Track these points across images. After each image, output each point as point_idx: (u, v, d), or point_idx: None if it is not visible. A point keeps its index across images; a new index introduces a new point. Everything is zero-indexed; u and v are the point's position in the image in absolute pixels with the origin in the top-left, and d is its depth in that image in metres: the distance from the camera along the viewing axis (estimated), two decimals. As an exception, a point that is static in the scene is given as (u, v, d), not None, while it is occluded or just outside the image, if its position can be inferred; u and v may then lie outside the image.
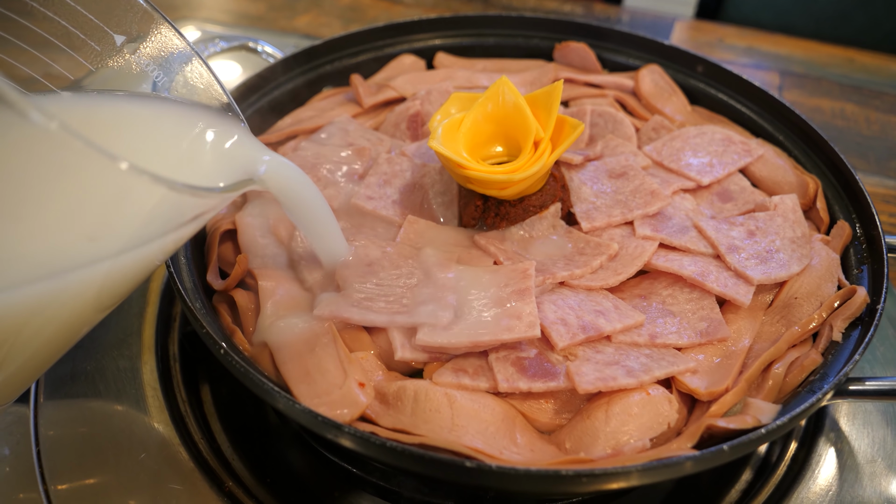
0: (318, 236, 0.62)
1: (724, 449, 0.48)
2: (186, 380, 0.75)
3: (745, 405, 0.55)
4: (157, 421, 0.70)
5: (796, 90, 1.37)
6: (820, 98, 1.35)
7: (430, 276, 0.62)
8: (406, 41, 0.99)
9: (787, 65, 1.45)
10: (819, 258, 0.67)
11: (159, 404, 0.71)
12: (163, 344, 0.78)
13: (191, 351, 0.78)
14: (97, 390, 0.72)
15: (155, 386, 0.73)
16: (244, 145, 0.55)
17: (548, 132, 0.66)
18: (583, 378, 0.55)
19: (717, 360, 0.60)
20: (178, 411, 0.72)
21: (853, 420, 0.72)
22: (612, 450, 0.53)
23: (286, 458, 0.71)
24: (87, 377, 0.73)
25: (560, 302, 0.62)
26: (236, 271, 0.65)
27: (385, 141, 0.83)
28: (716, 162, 0.78)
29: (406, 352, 0.58)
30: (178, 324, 0.81)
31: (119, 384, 0.73)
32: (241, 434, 0.72)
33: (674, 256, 0.67)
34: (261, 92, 0.88)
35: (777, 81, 1.39)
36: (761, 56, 1.47)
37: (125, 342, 0.77)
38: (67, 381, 0.72)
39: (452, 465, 0.47)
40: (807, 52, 1.50)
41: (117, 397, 0.72)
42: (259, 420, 0.75)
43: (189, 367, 0.77)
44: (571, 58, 0.97)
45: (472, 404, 0.55)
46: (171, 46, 0.58)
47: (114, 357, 0.75)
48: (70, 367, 0.74)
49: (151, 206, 0.41)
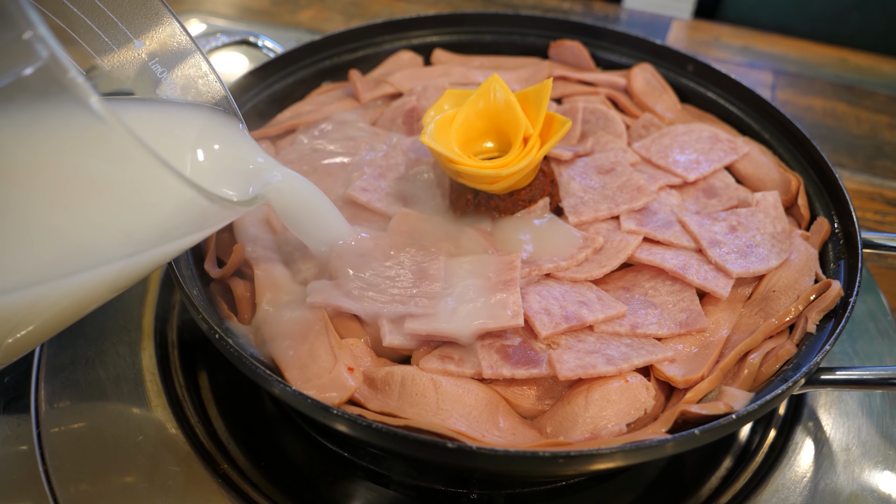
0: (318, 229, 0.64)
1: (695, 433, 0.50)
2: (184, 366, 0.77)
3: (720, 392, 0.57)
4: (155, 405, 0.72)
5: (789, 89, 1.39)
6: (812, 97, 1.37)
7: (419, 266, 0.64)
8: (404, 37, 1.00)
9: (781, 64, 1.46)
10: (798, 253, 0.69)
11: (157, 389, 0.73)
12: (161, 331, 0.80)
13: (189, 338, 0.80)
14: (97, 376, 0.74)
15: (154, 371, 0.75)
16: (248, 161, 0.57)
17: (537, 128, 0.68)
18: (564, 365, 0.57)
19: (695, 349, 0.62)
20: (176, 396, 0.74)
21: (830, 410, 0.74)
22: (591, 434, 0.55)
23: (281, 443, 0.73)
24: (87, 362, 0.75)
25: (545, 293, 0.64)
26: (233, 260, 0.67)
27: (381, 135, 0.85)
28: (702, 159, 0.80)
29: (394, 338, 0.60)
30: (177, 311, 0.83)
31: (119, 370, 0.75)
32: (237, 419, 0.74)
33: (657, 250, 0.69)
34: (261, 86, 0.89)
35: (771, 80, 1.40)
36: (756, 55, 1.48)
37: (125, 328, 0.79)
38: (68, 366, 0.74)
39: (435, 445, 0.49)
40: (801, 52, 1.51)
41: (116, 383, 0.74)
42: (255, 406, 0.77)
43: (187, 353, 0.79)
44: (566, 56, 0.98)
45: (456, 389, 0.57)
46: (173, 40, 0.60)
47: (114, 343, 0.77)
48: (72, 353, 0.76)
49: (186, 213, 0.44)
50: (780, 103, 1.32)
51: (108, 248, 0.43)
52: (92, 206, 0.41)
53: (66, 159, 0.39)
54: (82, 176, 0.40)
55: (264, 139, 0.85)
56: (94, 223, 0.42)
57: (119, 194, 0.42)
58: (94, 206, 0.42)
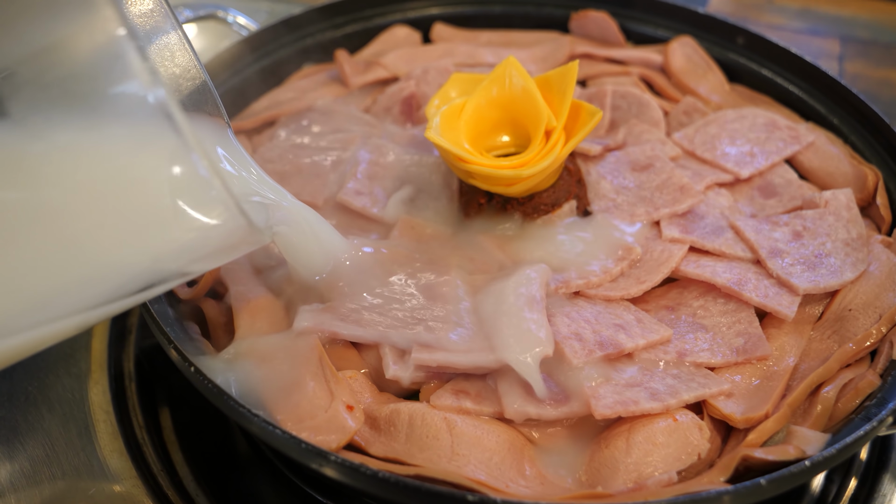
0: (316, 259, 0.65)
1: (761, 483, 0.50)
2: (143, 402, 0.77)
3: (789, 433, 0.57)
4: (110, 450, 0.72)
5: (860, 60, 1.37)
6: (889, 69, 1.35)
7: (427, 285, 0.65)
8: (399, 10, 1.01)
9: (849, 29, 1.45)
10: (878, 263, 0.69)
11: (112, 430, 0.73)
12: (116, 360, 0.80)
13: (148, 369, 0.80)
14: (39, 414, 0.74)
15: (108, 409, 0.75)
16: (250, 187, 0.59)
17: (561, 120, 0.68)
18: (600, 402, 0.57)
19: (756, 381, 0.62)
20: (135, 438, 0.74)
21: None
22: (634, 483, 0.55)
23: (258, 492, 0.73)
24: (27, 399, 0.75)
25: (574, 314, 0.64)
26: (206, 279, 0.67)
27: (375, 127, 0.85)
28: (757, 151, 0.81)
29: (399, 370, 0.60)
30: (133, 337, 0.83)
31: (65, 407, 0.75)
32: (206, 465, 0.74)
33: (706, 262, 0.69)
34: (232, 69, 0.90)
35: (837, 50, 1.39)
36: (819, 19, 1.47)
37: (72, 357, 0.79)
38: (4, 403, 0.74)
39: (452, 498, 0.49)
40: (874, 14, 1.49)
41: (63, 422, 0.73)
42: (226, 449, 0.77)
43: (146, 386, 0.79)
44: (590, 29, 0.99)
45: (474, 430, 0.57)
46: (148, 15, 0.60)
47: (59, 375, 0.77)
48: (7, 387, 0.76)
49: (214, 243, 0.49)
50: (850, 78, 1.31)
51: (131, 277, 0.48)
52: (130, 228, 0.46)
53: (121, 175, 0.45)
54: (132, 196, 0.46)
55: (239, 133, 0.85)
56: (126, 244, 0.46)
57: (164, 217, 0.46)
58: (134, 227, 0.46)
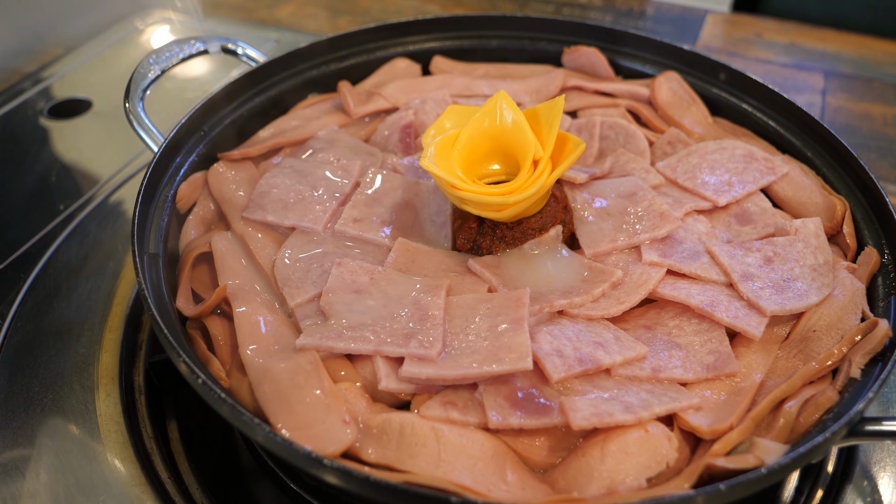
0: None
1: (720, 488, 0.54)
2: (152, 414, 0.82)
3: (752, 444, 0.62)
4: (121, 459, 0.76)
5: (843, 94, 1.42)
6: (870, 102, 1.40)
7: (419, 304, 0.70)
8: (400, 43, 1.07)
9: (833, 64, 1.50)
10: (842, 288, 0.74)
11: (122, 440, 0.78)
12: (127, 374, 0.85)
13: (157, 382, 0.85)
14: (54, 424, 0.79)
15: (118, 420, 0.80)
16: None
17: (548, 150, 0.74)
18: (577, 413, 0.62)
19: (724, 396, 0.67)
20: (144, 448, 0.79)
21: (886, 466, 0.78)
22: (607, 489, 0.59)
23: (260, 500, 0.78)
24: (43, 409, 0.80)
25: (557, 332, 0.69)
26: (212, 300, 0.72)
27: (375, 155, 0.90)
28: (735, 180, 0.86)
29: (391, 382, 0.65)
30: (143, 352, 0.89)
31: (78, 418, 0.80)
32: (211, 474, 0.79)
33: (682, 284, 0.74)
34: (240, 99, 0.95)
35: (821, 84, 1.44)
36: (804, 54, 1.52)
37: (86, 371, 0.84)
38: (20, 413, 0.79)
39: (437, 500, 0.54)
40: (858, 49, 1.54)
41: (76, 432, 0.78)
42: (230, 458, 0.81)
43: (154, 399, 0.84)
44: (581, 63, 1.05)
45: (460, 439, 0.62)
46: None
47: (73, 388, 0.82)
48: (24, 398, 0.81)
49: None
50: (832, 111, 1.37)
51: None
52: None
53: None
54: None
55: (245, 160, 0.90)
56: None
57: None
58: None
